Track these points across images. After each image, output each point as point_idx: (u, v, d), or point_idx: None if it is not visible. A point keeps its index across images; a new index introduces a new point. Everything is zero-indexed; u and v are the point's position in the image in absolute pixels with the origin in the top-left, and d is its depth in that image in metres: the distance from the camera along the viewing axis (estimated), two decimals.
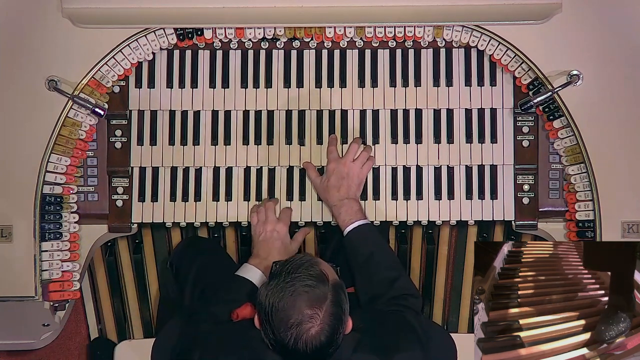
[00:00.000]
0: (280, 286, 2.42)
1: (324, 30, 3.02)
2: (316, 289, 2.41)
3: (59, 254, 2.98)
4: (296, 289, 2.41)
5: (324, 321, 2.41)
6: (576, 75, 2.95)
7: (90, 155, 3.06)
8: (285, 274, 2.44)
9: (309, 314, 2.39)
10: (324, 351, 2.44)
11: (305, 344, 2.40)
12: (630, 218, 2.94)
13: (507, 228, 3.23)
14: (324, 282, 2.44)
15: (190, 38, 3.03)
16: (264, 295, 2.44)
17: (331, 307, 2.42)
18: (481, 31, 2.99)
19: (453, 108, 3.09)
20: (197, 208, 3.08)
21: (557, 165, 3.05)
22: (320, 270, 2.46)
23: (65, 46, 2.97)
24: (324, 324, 2.41)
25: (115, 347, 3.34)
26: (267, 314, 2.43)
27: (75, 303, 3.27)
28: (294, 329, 2.39)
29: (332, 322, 2.42)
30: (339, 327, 2.44)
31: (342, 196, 2.96)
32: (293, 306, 2.40)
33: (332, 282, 2.46)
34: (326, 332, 2.41)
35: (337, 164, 2.99)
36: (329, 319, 2.42)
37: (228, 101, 3.10)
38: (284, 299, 2.40)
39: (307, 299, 2.40)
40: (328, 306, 2.42)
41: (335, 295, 2.44)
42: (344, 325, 2.47)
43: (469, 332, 3.39)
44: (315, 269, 2.46)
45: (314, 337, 2.40)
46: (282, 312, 2.40)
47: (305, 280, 2.42)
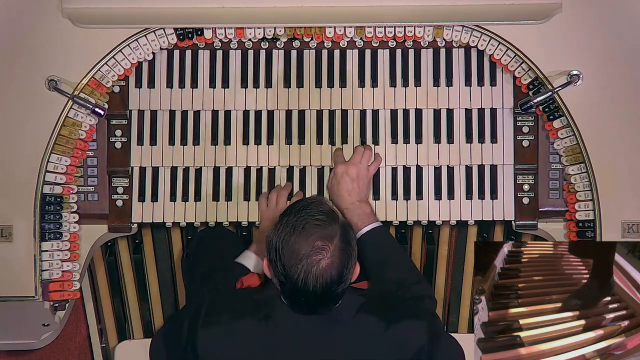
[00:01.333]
0: (291, 221, 2.47)
1: (324, 30, 3.02)
2: (327, 224, 2.46)
3: (59, 254, 2.98)
4: (308, 222, 2.45)
5: (334, 254, 2.44)
6: (576, 75, 2.95)
7: (90, 155, 3.06)
8: (296, 211, 2.49)
9: (320, 246, 2.43)
10: (333, 288, 2.46)
11: (316, 278, 2.43)
12: (630, 218, 2.94)
13: (507, 228, 3.23)
14: (334, 219, 2.49)
15: (190, 38, 3.03)
16: (274, 233, 2.49)
17: (341, 242, 2.46)
18: (481, 31, 2.99)
19: (453, 108, 3.09)
20: (197, 208, 3.08)
21: (557, 165, 3.05)
22: (330, 208, 2.52)
23: (65, 46, 2.97)
24: (334, 257, 2.44)
25: (116, 347, 3.35)
26: (278, 249, 2.46)
27: (75, 303, 3.26)
28: (305, 261, 2.43)
29: (342, 257, 2.46)
30: (348, 263, 2.47)
31: (353, 199, 2.97)
32: (305, 239, 2.44)
33: (342, 220, 2.52)
34: (336, 266, 2.44)
35: (346, 166, 2.99)
36: (339, 253, 2.45)
37: (228, 101, 3.10)
38: (296, 232, 2.45)
39: (318, 232, 2.45)
40: (338, 241, 2.46)
41: (344, 232, 2.49)
42: (353, 265, 2.50)
43: (469, 332, 3.39)
44: (326, 207, 2.52)
45: (324, 270, 2.43)
46: (293, 245, 2.44)
47: (317, 215, 2.47)
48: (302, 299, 2.48)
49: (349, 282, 2.51)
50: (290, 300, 2.51)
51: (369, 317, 2.58)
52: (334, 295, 2.49)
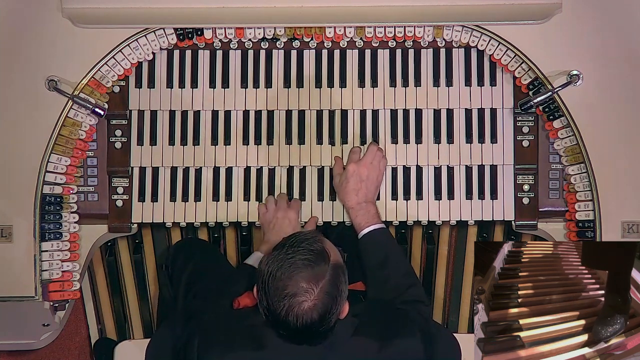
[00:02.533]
0: (281, 256, 2.44)
1: (324, 30, 3.02)
2: (315, 264, 2.43)
3: (59, 254, 2.98)
4: (295, 262, 2.42)
5: (318, 298, 2.42)
6: (576, 75, 2.95)
7: (90, 155, 3.06)
8: (288, 246, 2.46)
9: (304, 288, 2.41)
10: (315, 329, 2.44)
11: (296, 317, 2.41)
12: (630, 218, 2.94)
13: (507, 228, 3.23)
14: (324, 260, 2.45)
15: (190, 38, 3.03)
16: (264, 263, 2.47)
17: (327, 285, 2.43)
18: (481, 31, 2.99)
19: (453, 108, 3.09)
20: (197, 208, 3.08)
21: (557, 165, 3.05)
22: (323, 248, 2.48)
23: (65, 46, 2.97)
24: (317, 301, 2.41)
25: (115, 347, 3.34)
26: (264, 282, 2.44)
27: (75, 303, 3.26)
28: (287, 300, 2.41)
29: (326, 300, 2.43)
30: (333, 307, 2.45)
31: (360, 200, 2.97)
32: (290, 277, 2.41)
33: (333, 262, 2.47)
34: (319, 309, 2.42)
35: (357, 166, 2.99)
36: (324, 297, 2.42)
37: (228, 101, 3.10)
38: (282, 268, 2.42)
39: (304, 272, 2.42)
40: (325, 284, 2.42)
41: (333, 275, 2.45)
42: (339, 307, 2.47)
43: (469, 332, 3.39)
44: (318, 245, 2.47)
45: (305, 312, 2.41)
46: (279, 282, 2.42)
47: (306, 254, 2.44)
48: (286, 332, 2.47)
49: (334, 323, 2.48)
50: (275, 331, 2.50)
51: (363, 340, 2.56)
52: (318, 334, 2.48)
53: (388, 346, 2.57)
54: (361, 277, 2.97)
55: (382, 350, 2.56)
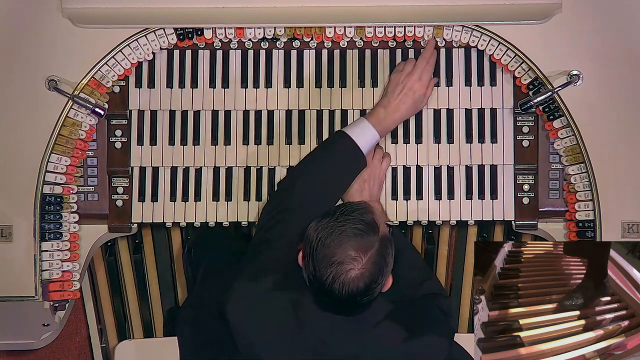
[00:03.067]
0: (331, 224, 2.48)
1: (324, 30, 3.02)
2: (365, 234, 2.46)
3: (59, 254, 2.98)
4: (345, 230, 2.46)
5: (365, 267, 2.44)
6: (576, 75, 2.95)
7: (90, 155, 3.06)
8: (339, 214, 2.50)
9: (352, 256, 2.44)
10: (358, 298, 2.47)
11: (342, 285, 2.44)
12: (630, 218, 2.94)
13: (507, 228, 3.23)
14: (374, 230, 2.48)
15: (190, 38, 3.03)
16: (314, 229, 2.50)
17: (375, 255, 2.46)
18: (481, 31, 2.99)
19: (453, 108, 3.09)
20: (197, 208, 3.08)
21: (557, 165, 3.05)
22: (373, 219, 2.51)
23: (65, 46, 2.97)
24: (364, 270, 2.44)
25: (116, 347, 3.35)
26: (313, 248, 2.47)
27: (75, 303, 3.27)
28: (334, 267, 2.43)
29: (373, 270, 2.46)
30: (379, 278, 2.47)
31: (364, 199, 2.97)
32: (339, 245, 2.44)
33: (382, 234, 2.50)
34: (365, 278, 2.44)
35: None
36: (371, 266, 2.45)
37: (228, 101, 3.09)
38: (332, 235, 2.45)
39: (354, 241, 2.45)
40: (372, 254, 2.46)
41: (381, 246, 2.48)
42: (384, 279, 2.50)
43: (469, 332, 3.39)
44: (369, 216, 2.51)
45: (351, 280, 2.43)
46: (327, 249, 2.45)
47: (357, 224, 2.47)
48: (327, 300, 2.50)
49: (377, 295, 2.51)
50: (316, 298, 2.53)
51: (392, 326, 2.59)
52: (360, 304, 2.50)
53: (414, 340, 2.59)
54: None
55: (407, 342, 2.58)
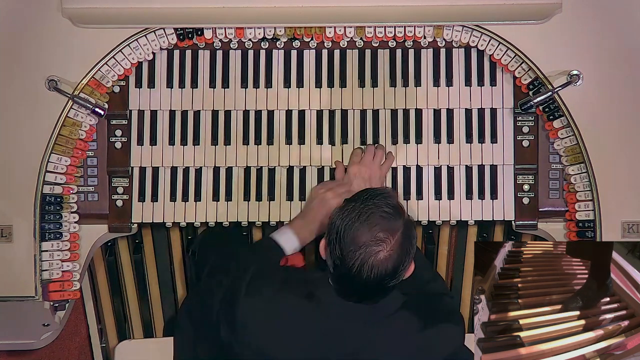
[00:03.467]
0: (358, 208, 2.47)
1: (324, 30, 3.02)
2: (393, 217, 2.47)
3: (59, 254, 2.98)
4: (374, 212, 2.46)
5: (393, 249, 2.45)
6: (576, 75, 2.95)
7: (90, 155, 3.06)
8: (364, 199, 2.50)
9: (381, 237, 2.44)
10: (386, 281, 2.47)
11: (371, 268, 2.44)
12: (630, 218, 2.94)
13: (507, 228, 3.23)
14: (399, 213, 2.50)
15: (190, 38, 3.03)
16: (338, 216, 2.49)
17: (402, 238, 2.47)
18: (481, 31, 2.99)
19: (453, 108, 3.09)
20: (197, 208, 3.08)
21: (557, 165, 3.05)
22: (398, 203, 2.53)
23: (65, 46, 2.97)
24: (392, 252, 2.45)
25: (116, 347, 3.35)
26: (339, 232, 2.46)
27: (75, 303, 3.27)
28: (363, 250, 2.43)
29: (401, 252, 2.46)
30: (405, 260, 2.48)
31: None
32: (368, 228, 2.44)
33: (406, 217, 2.52)
34: (394, 260, 2.45)
35: (359, 167, 2.99)
36: (398, 248, 2.46)
37: (228, 101, 3.10)
38: (361, 218, 2.46)
39: (382, 224, 2.45)
40: (399, 237, 2.46)
41: (407, 228, 2.49)
42: (409, 263, 2.51)
43: (469, 332, 3.37)
44: (394, 200, 2.52)
45: (381, 262, 2.44)
46: (356, 232, 2.45)
47: (384, 207, 2.48)
48: (352, 286, 2.50)
49: (401, 279, 2.52)
50: (340, 285, 2.52)
51: (407, 316, 2.60)
52: (384, 289, 2.51)
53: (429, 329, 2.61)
54: None
55: (421, 331, 2.60)
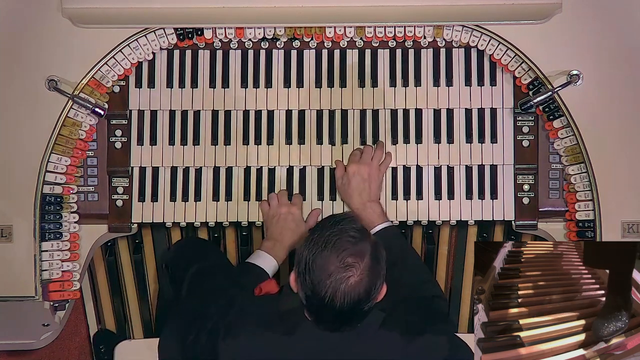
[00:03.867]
0: (324, 236, 2.45)
1: (324, 30, 3.02)
2: (359, 240, 2.45)
3: (59, 254, 2.98)
4: (340, 238, 2.44)
5: (364, 272, 2.43)
6: (576, 75, 2.95)
7: (90, 155, 3.06)
8: (329, 226, 2.47)
9: (350, 262, 2.41)
10: (360, 306, 2.45)
11: (344, 295, 2.41)
12: (630, 218, 2.94)
13: (507, 228, 3.23)
14: (366, 236, 2.48)
15: (190, 38, 3.03)
16: (305, 246, 2.47)
17: (371, 260, 2.45)
18: (481, 31, 2.99)
19: (453, 108, 3.09)
20: (197, 208, 3.08)
21: (557, 165, 3.05)
22: (362, 226, 2.51)
23: (65, 46, 2.97)
24: (363, 275, 2.42)
25: (115, 347, 3.34)
26: (307, 263, 2.44)
27: (75, 303, 3.27)
28: (334, 277, 2.40)
29: (371, 275, 2.44)
30: (377, 282, 2.46)
31: (364, 199, 2.97)
32: (336, 255, 2.42)
33: (373, 239, 2.51)
34: (365, 284, 2.42)
35: (358, 166, 2.99)
36: (369, 271, 2.43)
37: (228, 101, 3.10)
38: (327, 247, 2.43)
39: (349, 249, 2.43)
40: (368, 259, 2.44)
41: (375, 250, 2.47)
42: (381, 284, 2.49)
43: (469, 332, 3.39)
44: (358, 224, 2.50)
45: (352, 287, 2.41)
46: (324, 260, 2.42)
47: (350, 231, 2.45)
48: (328, 316, 2.47)
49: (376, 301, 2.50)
50: (316, 316, 2.49)
51: (391, 333, 2.57)
52: (361, 314, 2.48)
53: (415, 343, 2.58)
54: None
55: (408, 346, 2.57)
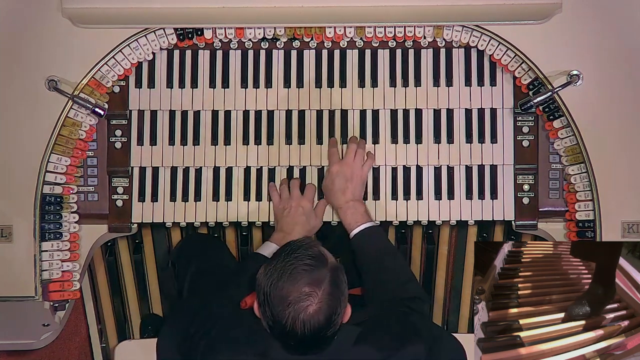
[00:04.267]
0: (279, 266, 2.43)
1: (324, 30, 3.02)
2: (315, 268, 2.42)
3: (59, 254, 2.98)
4: (295, 268, 2.42)
5: (322, 300, 2.40)
6: (576, 75, 2.95)
7: (90, 155, 3.06)
8: (284, 255, 2.46)
9: (307, 292, 2.39)
10: (322, 333, 2.43)
11: (303, 324, 2.39)
12: (630, 218, 2.94)
13: (507, 228, 3.23)
14: (323, 263, 2.45)
15: (190, 38, 3.03)
16: (263, 276, 2.46)
17: (329, 287, 2.42)
18: (481, 31, 2.99)
19: (453, 108, 3.09)
20: (197, 208, 3.08)
21: (557, 165, 3.05)
22: (319, 251, 2.48)
23: (65, 46, 2.97)
24: (322, 303, 2.40)
25: (116, 347, 3.34)
26: (266, 294, 2.43)
27: (75, 303, 3.26)
28: (292, 307, 2.39)
29: (331, 302, 2.42)
30: (337, 308, 2.44)
31: (347, 198, 2.97)
32: (292, 284, 2.40)
33: (331, 264, 2.47)
34: (324, 311, 2.41)
35: (340, 166, 2.99)
36: (327, 298, 2.41)
37: (228, 101, 3.10)
38: (283, 277, 2.41)
39: (306, 277, 2.41)
40: (326, 286, 2.42)
41: (333, 276, 2.44)
42: (343, 309, 2.46)
43: (469, 332, 3.39)
44: (315, 250, 2.47)
45: (311, 316, 2.39)
46: (281, 291, 2.40)
47: (305, 259, 2.43)
48: (292, 343, 2.45)
49: (339, 326, 2.48)
50: (281, 343, 2.48)
51: (367, 348, 2.55)
52: (325, 339, 2.46)
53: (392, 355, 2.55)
54: (359, 281, 2.97)
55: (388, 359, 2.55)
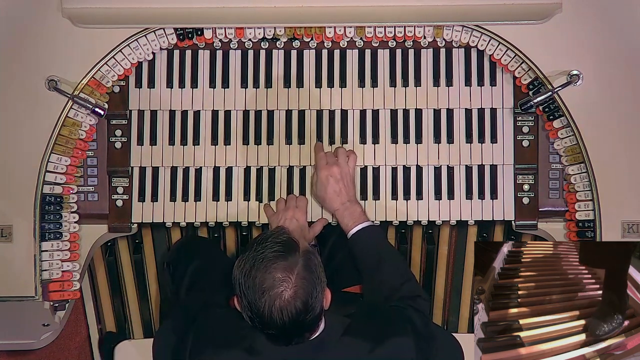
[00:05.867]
0: (251, 255, 2.45)
1: (324, 30, 3.02)
2: (286, 254, 2.44)
3: (59, 254, 2.98)
4: (266, 256, 2.43)
5: (297, 284, 2.41)
6: (576, 75, 2.95)
7: (90, 155, 3.06)
8: (255, 245, 2.48)
9: (281, 278, 2.41)
10: (301, 318, 2.43)
11: (281, 311, 2.40)
12: (630, 218, 2.94)
13: (507, 228, 3.23)
14: (294, 248, 2.46)
15: (190, 38, 3.03)
16: (236, 268, 2.48)
17: (303, 271, 2.43)
18: (481, 31, 2.99)
19: (453, 108, 3.09)
20: (197, 208, 3.08)
21: (557, 165, 3.05)
22: (289, 237, 2.49)
23: (65, 46, 2.97)
24: (297, 288, 2.41)
25: (115, 347, 3.35)
26: (241, 285, 2.45)
27: (75, 303, 3.26)
28: (267, 295, 2.40)
29: (306, 286, 2.42)
30: (313, 291, 2.44)
31: (343, 200, 2.97)
32: (264, 272, 2.41)
33: (303, 249, 2.48)
34: (300, 296, 2.41)
35: (327, 170, 2.97)
36: (302, 282, 2.42)
37: (228, 101, 3.10)
38: (255, 265, 2.43)
39: (277, 264, 2.42)
40: (300, 270, 2.43)
41: (306, 259, 2.45)
42: (320, 292, 2.46)
43: (469, 332, 3.39)
44: (284, 237, 2.49)
45: (288, 301, 2.40)
46: (254, 280, 2.42)
47: (274, 247, 2.45)
48: (274, 332, 2.46)
49: (320, 311, 2.48)
50: (264, 334, 2.49)
51: (354, 340, 2.55)
52: (306, 325, 2.46)
53: (379, 346, 2.56)
54: (359, 279, 2.97)
55: (373, 351, 2.55)
